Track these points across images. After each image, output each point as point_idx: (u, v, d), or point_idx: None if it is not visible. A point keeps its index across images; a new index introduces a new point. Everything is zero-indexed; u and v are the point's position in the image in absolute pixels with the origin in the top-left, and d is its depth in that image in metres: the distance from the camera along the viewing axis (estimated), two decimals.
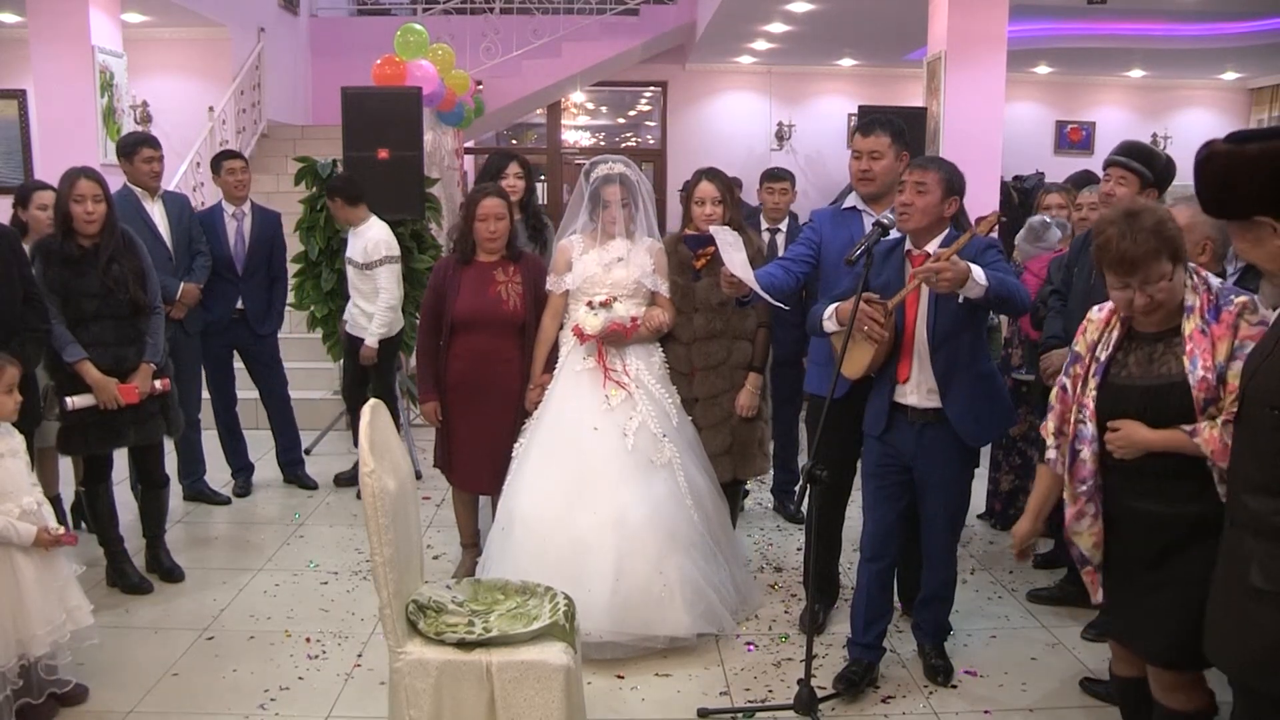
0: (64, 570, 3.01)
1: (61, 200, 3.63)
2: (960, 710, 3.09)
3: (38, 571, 2.90)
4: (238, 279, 5.01)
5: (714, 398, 3.74)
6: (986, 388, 3.08)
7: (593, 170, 3.71)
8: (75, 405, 3.60)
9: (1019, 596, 3.91)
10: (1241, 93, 12.37)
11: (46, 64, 6.54)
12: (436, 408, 3.84)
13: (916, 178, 2.97)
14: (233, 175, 5.03)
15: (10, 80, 8.40)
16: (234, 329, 5.04)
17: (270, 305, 5.14)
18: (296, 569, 4.19)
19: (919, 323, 3.01)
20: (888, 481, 3.14)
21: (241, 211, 5.05)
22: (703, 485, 3.57)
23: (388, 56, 7.01)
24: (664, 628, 3.31)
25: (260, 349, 5.16)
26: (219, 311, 4.97)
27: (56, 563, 2.98)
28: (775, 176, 5.05)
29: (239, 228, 5.04)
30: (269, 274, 5.12)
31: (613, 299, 3.62)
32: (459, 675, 2.46)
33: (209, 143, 8.17)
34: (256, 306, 5.06)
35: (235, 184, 5.04)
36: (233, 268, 5.00)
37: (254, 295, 5.05)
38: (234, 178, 5.03)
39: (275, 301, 5.18)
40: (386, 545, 2.43)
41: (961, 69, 6.59)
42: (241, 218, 5.05)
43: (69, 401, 3.59)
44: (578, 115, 13.80)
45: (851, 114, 10.34)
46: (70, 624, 2.94)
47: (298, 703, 3.10)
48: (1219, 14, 8.88)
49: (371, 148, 5.39)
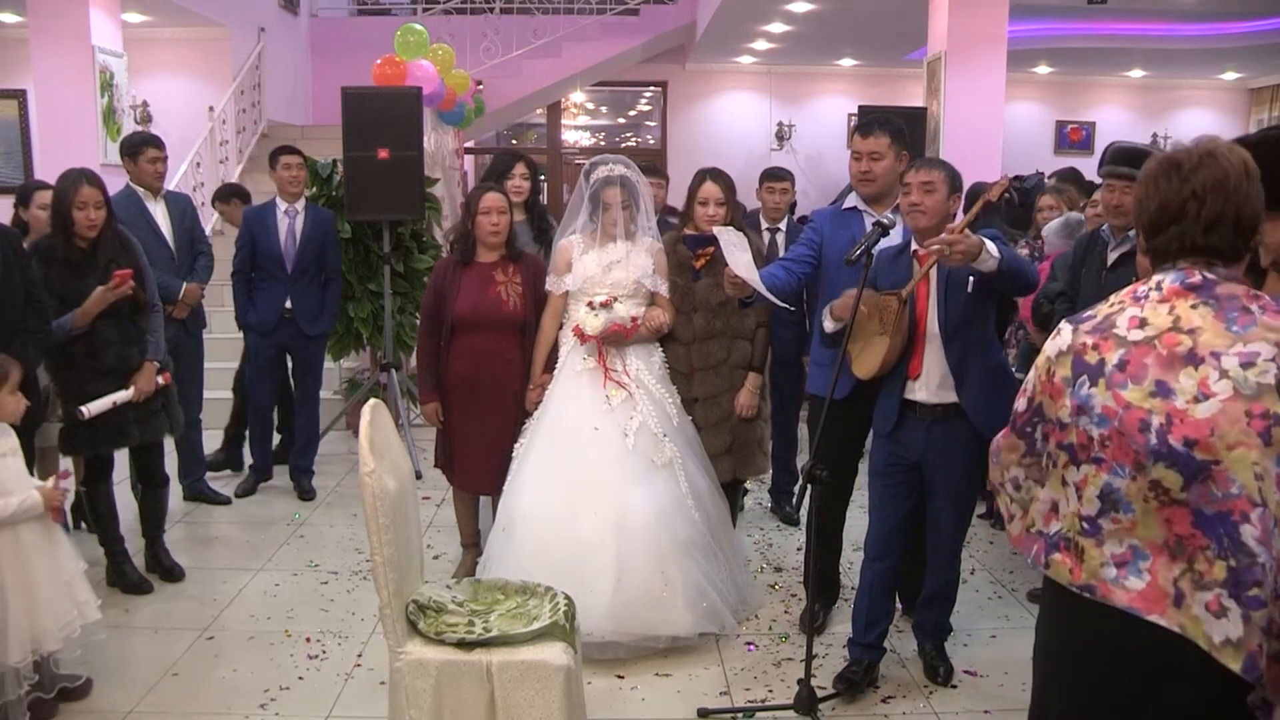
0: (72, 566, 3.02)
1: (62, 204, 3.61)
2: (960, 710, 3.09)
3: (48, 567, 2.91)
4: (287, 278, 4.95)
5: (714, 397, 3.74)
6: (999, 378, 3.08)
7: (593, 171, 3.71)
8: (91, 412, 3.58)
9: (1019, 596, 3.91)
10: (1241, 93, 12.37)
11: (46, 64, 6.55)
12: (437, 408, 3.84)
13: (923, 178, 2.97)
14: (288, 170, 4.98)
15: (10, 80, 8.41)
16: (282, 329, 4.98)
17: (323, 306, 5.07)
18: (296, 569, 4.19)
19: (930, 316, 3.02)
20: (895, 480, 3.14)
21: (294, 209, 5.00)
22: (703, 485, 3.57)
23: (388, 56, 7.01)
24: (666, 627, 3.31)
25: (307, 350, 5.11)
26: (267, 313, 4.93)
27: (64, 558, 3.00)
28: (775, 176, 5.03)
29: (291, 225, 4.98)
30: (321, 274, 5.06)
31: (613, 299, 3.62)
32: (459, 675, 2.46)
33: (209, 143, 8.18)
34: (306, 306, 4.99)
35: (290, 179, 5.00)
36: (282, 266, 4.94)
37: (304, 295, 4.99)
38: (289, 173, 4.99)
39: (328, 302, 5.11)
40: (386, 545, 2.43)
41: (961, 69, 6.59)
42: (294, 215, 5.00)
43: (84, 411, 3.56)
44: (578, 115, 13.81)
45: (851, 114, 10.35)
46: (79, 618, 2.96)
47: (298, 703, 3.10)
48: (1219, 14, 8.89)
49: (372, 148, 5.38)
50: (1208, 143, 1.71)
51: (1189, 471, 1.58)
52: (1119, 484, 1.66)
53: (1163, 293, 1.68)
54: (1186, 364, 1.60)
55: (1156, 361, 1.63)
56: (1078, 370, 1.74)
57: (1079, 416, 1.72)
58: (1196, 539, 1.59)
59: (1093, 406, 1.70)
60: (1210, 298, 1.64)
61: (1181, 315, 1.64)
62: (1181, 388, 1.60)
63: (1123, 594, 1.65)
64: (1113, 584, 1.66)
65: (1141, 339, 1.67)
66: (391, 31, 7.29)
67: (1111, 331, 1.71)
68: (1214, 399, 1.56)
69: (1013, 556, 4.28)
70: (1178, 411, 1.59)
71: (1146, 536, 1.64)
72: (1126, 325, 1.69)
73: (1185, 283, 1.67)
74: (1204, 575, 1.58)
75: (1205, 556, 1.58)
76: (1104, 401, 1.68)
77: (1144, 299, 1.71)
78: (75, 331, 3.58)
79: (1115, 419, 1.66)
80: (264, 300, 4.94)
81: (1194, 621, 1.59)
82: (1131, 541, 1.65)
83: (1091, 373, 1.71)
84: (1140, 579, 1.64)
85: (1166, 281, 1.69)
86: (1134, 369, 1.66)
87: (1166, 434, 1.59)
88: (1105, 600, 1.67)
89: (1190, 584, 1.59)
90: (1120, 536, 1.66)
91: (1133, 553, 1.65)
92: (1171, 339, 1.63)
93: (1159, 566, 1.62)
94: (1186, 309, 1.64)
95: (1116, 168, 3.44)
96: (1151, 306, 1.69)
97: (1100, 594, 1.68)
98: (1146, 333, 1.67)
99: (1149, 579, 1.63)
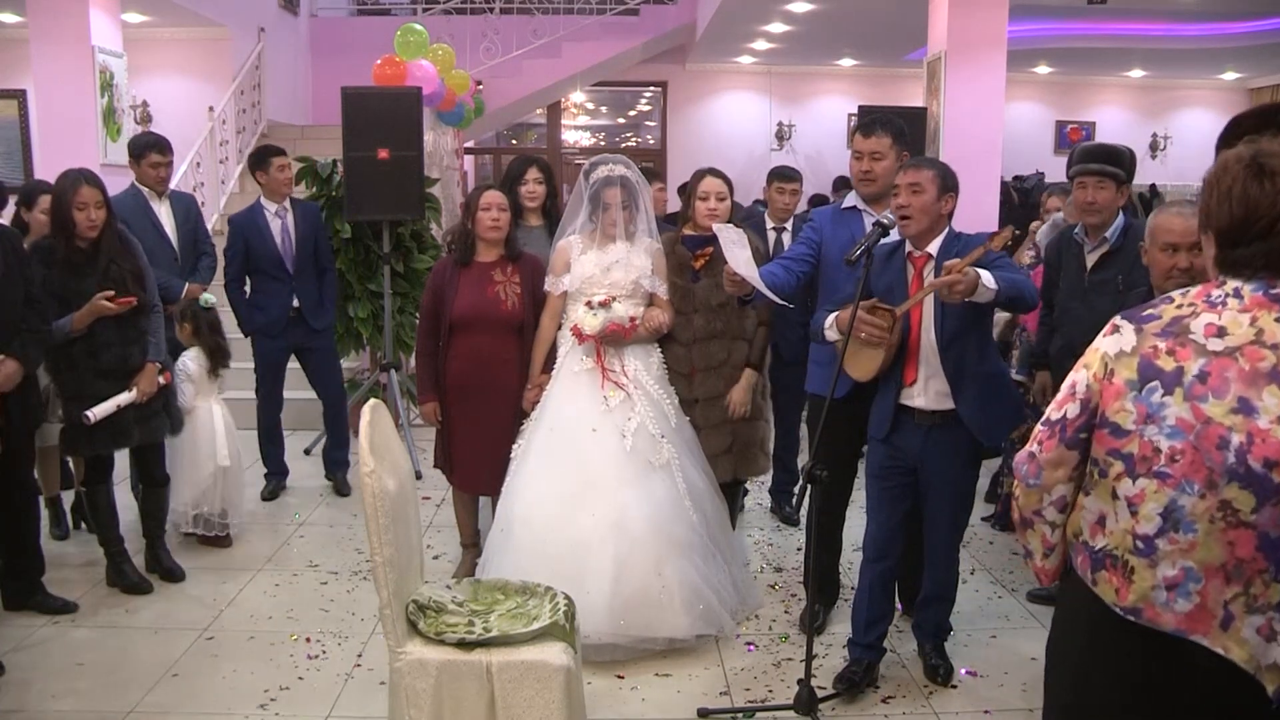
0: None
1: (62, 204, 3.61)
2: (960, 710, 3.09)
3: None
4: (289, 277, 4.95)
5: (714, 398, 3.73)
6: (996, 386, 3.08)
7: (593, 171, 3.70)
8: (97, 416, 3.58)
9: (1019, 596, 3.91)
10: (1241, 93, 12.37)
11: (46, 64, 6.54)
12: (436, 408, 3.84)
13: (910, 179, 2.96)
14: (283, 172, 4.98)
15: (10, 80, 8.41)
16: (292, 329, 4.98)
17: (323, 297, 5.08)
18: (296, 569, 4.19)
19: (925, 326, 3.01)
20: (892, 483, 3.14)
21: (284, 208, 4.99)
22: (701, 486, 3.57)
23: (388, 56, 7.01)
24: (662, 629, 3.31)
25: (318, 346, 5.11)
26: (275, 312, 4.93)
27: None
28: (786, 177, 4.99)
29: (284, 224, 4.98)
30: (317, 267, 5.07)
31: (611, 299, 3.62)
32: (459, 675, 2.46)
33: (209, 143, 8.18)
34: (310, 302, 5.00)
35: (286, 180, 5.00)
36: (283, 266, 4.94)
37: (307, 291, 5.00)
38: (284, 174, 4.99)
39: (326, 293, 5.12)
40: (386, 545, 2.43)
41: (961, 69, 6.59)
42: (284, 214, 4.99)
43: (90, 416, 3.56)
44: (578, 115, 13.81)
45: (851, 114, 10.34)
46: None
47: (298, 703, 3.10)
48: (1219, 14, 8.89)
49: (371, 148, 5.38)
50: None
51: (1264, 493, 1.52)
52: (1185, 502, 1.57)
53: (1244, 301, 1.58)
54: (1270, 381, 1.52)
55: (1239, 376, 1.54)
56: (1147, 374, 1.62)
57: (1146, 425, 1.61)
58: (1257, 562, 1.53)
59: (1165, 417, 1.59)
60: None
61: (1265, 328, 1.55)
62: (1265, 406, 1.52)
63: (1170, 617, 1.59)
64: (1162, 608, 1.60)
65: (1222, 349, 1.56)
66: (391, 31, 7.29)
67: (1188, 337, 1.59)
68: None
69: (1013, 556, 4.28)
70: (1260, 431, 1.52)
71: (1204, 559, 1.56)
72: (1204, 332, 1.59)
73: (1269, 293, 1.57)
74: (1258, 598, 1.54)
75: (1263, 580, 1.53)
76: (1180, 413, 1.57)
77: (1221, 305, 1.60)
78: (73, 335, 3.58)
79: (1191, 433, 1.56)
80: (269, 302, 4.93)
81: (1240, 644, 1.55)
82: (1186, 564, 1.58)
83: (1167, 380, 1.59)
84: (1189, 601, 1.58)
85: (1248, 290, 1.59)
86: (1215, 382, 1.56)
87: (1246, 453, 1.52)
88: (1152, 624, 1.60)
89: (1242, 607, 1.54)
90: (1175, 558, 1.58)
91: (1185, 574, 1.58)
92: (1255, 353, 1.54)
93: (1210, 589, 1.56)
94: (1270, 322, 1.55)
95: (1088, 164, 3.48)
96: (1231, 315, 1.58)
97: (1147, 617, 1.61)
98: (1227, 343, 1.57)
99: (1198, 600, 1.57)
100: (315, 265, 5.05)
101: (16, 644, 3.43)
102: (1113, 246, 3.47)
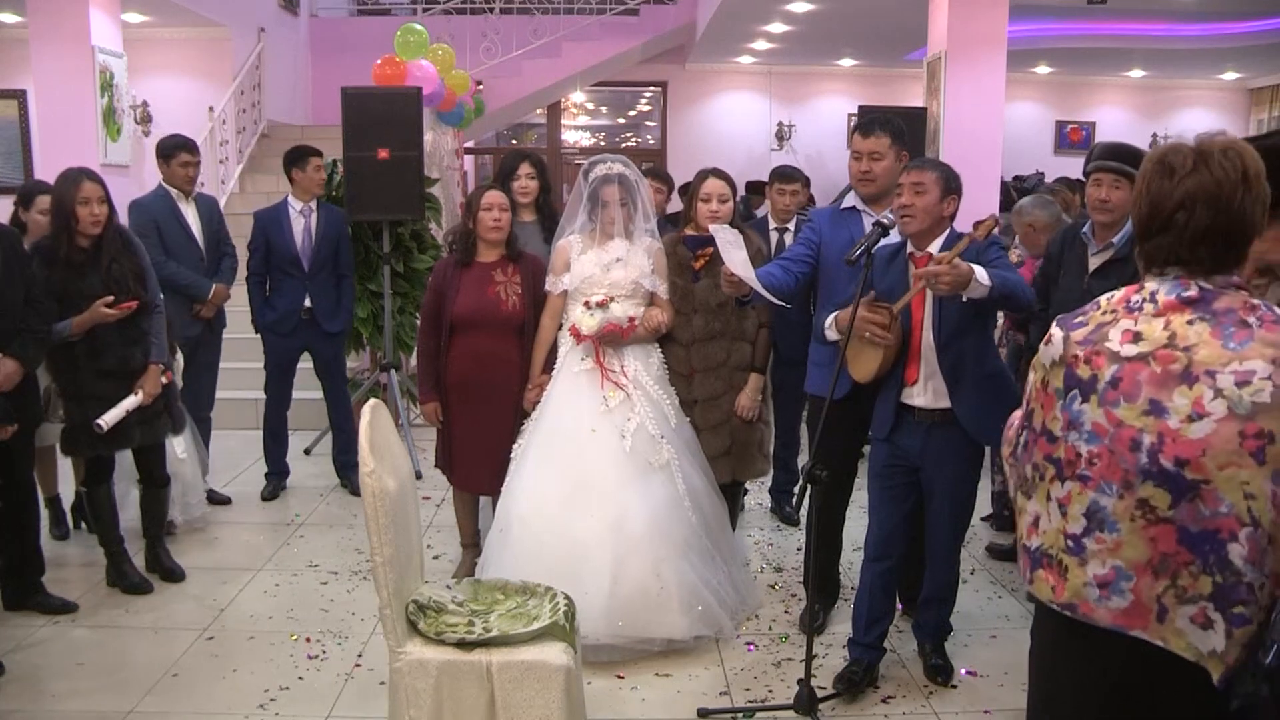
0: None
1: (65, 201, 3.61)
2: (960, 710, 3.10)
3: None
4: (304, 276, 4.97)
5: (714, 399, 3.73)
6: (995, 386, 3.07)
7: (591, 170, 3.70)
8: (109, 424, 3.58)
9: (1019, 596, 3.91)
10: (1241, 93, 12.37)
11: (46, 64, 6.55)
12: (437, 408, 3.85)
13: (914, 179, 2.97)
14: (319, 172, 5.02)
15: (10, 80, 8.41)
16: (303, 329, 5.00)
17: (339, 303, 5.10)
18: (296, 569, 4.19)
19: (925, 326, 3.01)
20: (894, 483, 3.14)
21: (309, 207, 5.01)
22: (700, 487, 3.57)
23: (388, 56, 7.01)
24: (660, 630, 3.31)
25: (328, 347, 5.13)
26: (285, 309, 4.95)
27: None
28: (787, 178, 4.96)
29: (306, 224, 5.00)
30: (336, 271, 5.09)
31: (610, 299, 3.61)
32: (459, 675, 2.46)
33: (209, 143, 8.17)
34: (325, 304, 5.02)
35: (319, 181, 5.03)
36: (299, 265, 4.96)
37: (321, 292, 5.01)
38: (320, 175, 5.03)
39: (344, 298, 5.14)
40: (386, 545, 2.43)
41: (961, 69, 6.59)
42: (309, 214, 5.01)
43: (101, 424, 3.56)
44: (578, 115, 13.82)
45: (851, 114, 10.34)
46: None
47: (298, 703, 3.10)
48: (1219, 14, 8.89)
49: (371, 148, 5.38)
50: (1207, 143, 1.64)
51: (1178, 490, 1.56)
52: (1106, 502, 1.62)
53: (1158, 305, 1.63)
54: (1181, 382, 1.56)
55: (1150, 379, 1.59)
56: (1069, 383, 1.69)
57: (1069, 431, 1.68)
58: (1181, 555, 1.57)
59: (1083, 423, 1.66)
60: (1207, 312, 1.59)
61: (1178, 332, 1.59)
62: (1175, 407, 1.56)
63: (1105, 612, 1.63)
64: (1095, 603, 1.64)
65: (1135, 355, 1.62)
66: (391, 31, 7.28)
67: (1104, 345, 1.65)
68: (1208, 419, 1.54)
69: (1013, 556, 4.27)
70: (1170, 431, 1.56)
71: (1131, 558, 1.61)
72: (1120, 339, 1.64)
73: (1182, 296, 1.62)
74: (1188, 590, 1.56)
75: (1189, 572, 1.56)
76: (1095, 418, 1.64)
77: (1138, 310, 1.65)
78: (72, 338, 3.59)
79: (1106, 437, 1.62)
80: (282, 300, 4.95)
81: (1177, 635, 1.58)
82: (1115, 563, 1.62)
83: (1084, 388, 1.67)
84: (1124, 598, 1.62)
85: (1162, 293, 1.64)
86: (1127, 386, 1.61)
87: (1158, 453, 1.57)
88: (1087, 619, 1.65)
89: (1174, 599, 1.57)
90: (1104, 558, 1.63)
91: (1116, 573, 1.62)
92: (1167, 356, 1.59)
93: (1142, 585, 1.60)
94: (1182, 325, 1.60)
95: (1106, 162, 3.40)
96: (1146, 320, 1.63)
97: (1082, 612, 1.66)
98: (1140, 348, 1.62)
99: (1132, 598, 1.61)
100: (334, 268, 5.07)
101: (16, 644, 3.43)
102: (1117, 254, 3.35)
